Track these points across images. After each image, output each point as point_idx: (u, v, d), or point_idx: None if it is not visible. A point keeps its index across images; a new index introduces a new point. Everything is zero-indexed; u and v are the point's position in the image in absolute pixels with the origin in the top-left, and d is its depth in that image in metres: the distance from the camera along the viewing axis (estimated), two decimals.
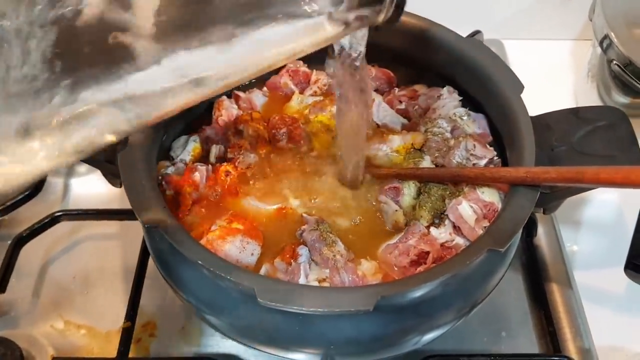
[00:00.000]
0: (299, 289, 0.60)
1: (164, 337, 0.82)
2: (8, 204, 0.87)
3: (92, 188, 0.98)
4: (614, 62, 0.95)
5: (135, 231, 0.91)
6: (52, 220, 0.86)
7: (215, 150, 0.80)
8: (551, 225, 0.93)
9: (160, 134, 0.76)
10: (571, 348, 0.82)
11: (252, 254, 0.69)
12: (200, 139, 0.82)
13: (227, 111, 0.85)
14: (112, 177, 0.74)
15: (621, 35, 0.95)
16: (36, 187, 0.89)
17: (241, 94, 0.88)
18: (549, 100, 0.85)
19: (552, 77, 1.17)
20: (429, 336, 0.68)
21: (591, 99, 1.08)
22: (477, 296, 0.69)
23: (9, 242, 0.85)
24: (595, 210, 0.97)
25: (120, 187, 0.77)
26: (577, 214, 0.97)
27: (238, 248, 0.68)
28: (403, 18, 0.83)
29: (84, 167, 1.01)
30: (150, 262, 0.85)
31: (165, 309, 0.84)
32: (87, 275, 0.88)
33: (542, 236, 0.92)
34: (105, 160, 0.71)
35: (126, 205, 0.87)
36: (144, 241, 0.86)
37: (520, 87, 0.76)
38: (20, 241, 0.84)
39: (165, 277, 0.69)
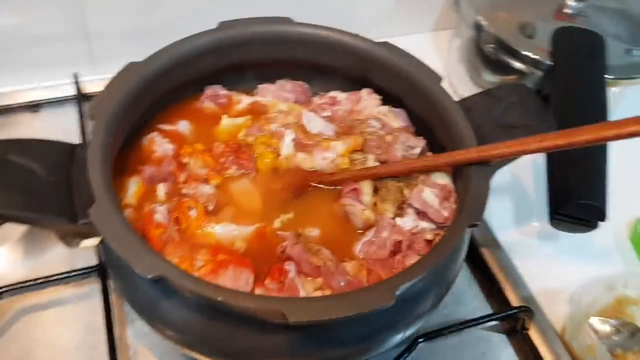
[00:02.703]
0: (322, 300, 0.62)
1: None
2: None
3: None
4: (487, 44, 1.08)
5: (71, 295, 0.85)
6: None
7: (163, 188, 0.78)
8: None
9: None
10: (514, 300, 0.92)
11: (247, 283, 0.68)
12: (142, 179, 0.79)
13: (160, 146, 0.82)
14: (73, 236, 0.69)
15: (489, 19, 1.08)
16: None
17: (167, 127, 0.86)
18: None
19: None
20: (419, 324, 0.73)
21: (464, 82, 1.21)
22: (450, 278, 0.75)
23: None
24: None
25: (77, 246, 0.72)
26: None
27: (232, 279, 0.67)
28: (307, 30, 0.88)
29: None
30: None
31: None
32: (34, 355, 0.80)
33: None
34: (67, 220, 0.66)
35: (56, 269, 0.84)
36: (106, 303, 0.81)
37: (437, 77, 0.83)
38: None
39: (162, 330, 0.66)
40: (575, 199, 0.84)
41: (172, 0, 1.12)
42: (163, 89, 0.83)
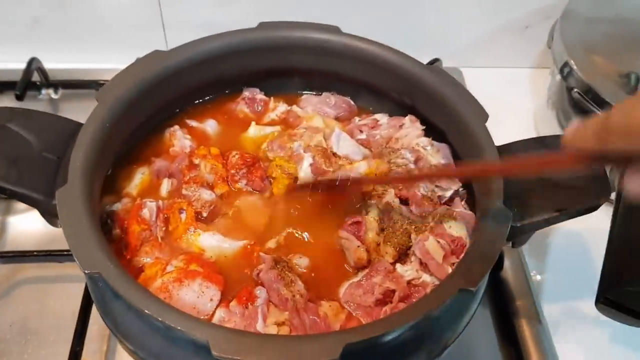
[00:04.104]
0: (257, 339, 0.55)
1: None
2: None
3: (32, 227, 0.90)
4: (574, 89, 0.94)
5: (78, 274, 0.84)
6: None
7: (167, 184, 0.75)
8: (517, 258, 0.90)
9: (105, 164, 0.70)
10: None
11: (212, 300, 0.63)
12: (150, 171, 0.77)
13: (180, 142, 0.79)
14: (51, 216, 0.68)
15: (580, 62, 0.94)
16: None
17: (194, 123, 0.83)
18: (509, 128, 0.83)
19: (512, 105, 1.15)
20: None
21: (551, 126, 1.07)
22: (447, 337, 0.64)
23: None
24: (561, 242, 0.95)
25: (59, 227, 0.71)
26: (543, 246, 0.95)
27: (196, 293, 0.62)
28: (363, 45, 0.81)
29: (23, 205, 0.93)
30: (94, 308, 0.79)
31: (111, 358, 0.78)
32: (25, 323, 0.80)
33: (508, 269, 0.89)
34: (43, 198, 0.64)
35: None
36: (87, 286, 0.79)
37: (484, 115, 0.73)
38: None
39: (110, 327, 0.63)
40: (627, 285, 0.70)
41: None
42: (192, 82, 0.81)
